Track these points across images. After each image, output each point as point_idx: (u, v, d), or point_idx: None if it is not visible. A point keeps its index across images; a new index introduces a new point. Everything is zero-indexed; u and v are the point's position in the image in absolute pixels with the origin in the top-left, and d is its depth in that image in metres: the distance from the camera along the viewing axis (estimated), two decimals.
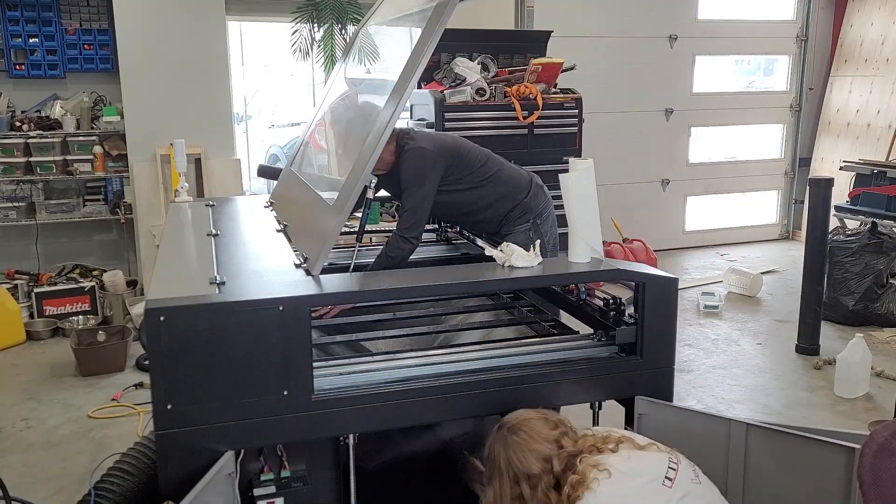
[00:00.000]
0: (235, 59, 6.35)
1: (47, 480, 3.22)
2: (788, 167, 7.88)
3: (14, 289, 5.14)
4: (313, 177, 3.09)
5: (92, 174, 5.47)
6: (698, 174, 7.41)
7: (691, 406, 3.79)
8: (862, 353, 3.99)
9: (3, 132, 5.21)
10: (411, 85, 2.06)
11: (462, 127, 4.91)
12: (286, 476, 2.01)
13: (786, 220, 7.99)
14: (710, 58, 7.31)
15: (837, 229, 5.41)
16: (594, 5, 6.68)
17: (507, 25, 6.30)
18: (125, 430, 3.66)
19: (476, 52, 5.39)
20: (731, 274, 5.95)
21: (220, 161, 5.63)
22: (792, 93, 7.73)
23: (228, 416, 1.84)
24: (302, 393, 1.89)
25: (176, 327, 1.77)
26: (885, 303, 5.05)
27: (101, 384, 4.21)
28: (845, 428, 3.61)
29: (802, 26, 7.56)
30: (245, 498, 1.96)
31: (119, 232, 5.73)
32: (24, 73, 5.34)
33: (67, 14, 5.38)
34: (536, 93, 5.04)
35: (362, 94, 3.39)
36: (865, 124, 7.10)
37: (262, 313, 1.84)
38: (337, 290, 2.04)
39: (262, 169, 4.18)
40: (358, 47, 3.91)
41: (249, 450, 1.96)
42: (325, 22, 5.40)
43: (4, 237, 5.51)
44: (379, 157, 2.24)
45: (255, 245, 2.65)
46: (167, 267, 2.37)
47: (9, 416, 3.84)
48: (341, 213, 2.08)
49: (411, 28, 2.55)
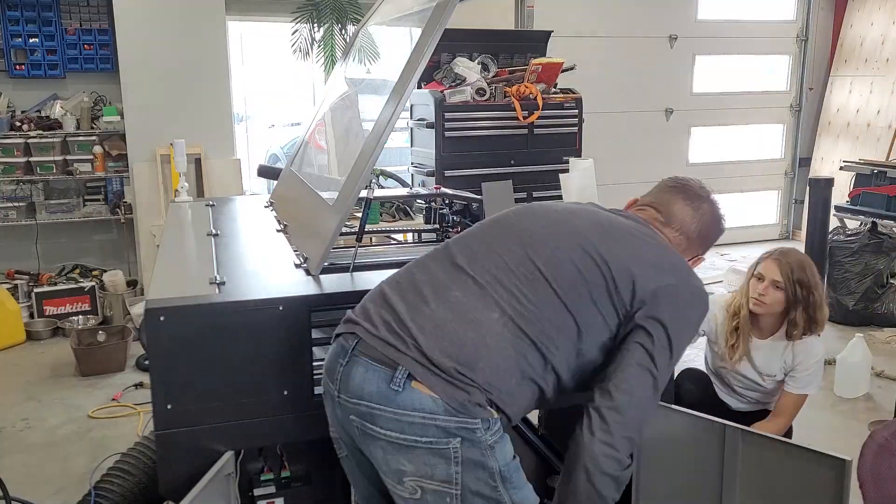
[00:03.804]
0: (235, 59, 6.35)
1: (47, 480, 3.22)
2: (788, 167, 7.88)
3: (14, 289, 5.14)
4: (313, 177, 3.08)
5: (92, 174, 5.47)
6: (698, 174, 7.28)
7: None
8: (862, 353, 3.99)
9: (3, 132, 5.21)
10: (411, 85, 2.06)
11: (462, 127, 4.92)
12: (286, 476, 2.01)
13: (786, 220, 7.99)
14: (710, 58, 7.31)
15: (837, 229, 5.41)
16: (594, 5, 6.68)
17: (507, 25, 6.30)
18: (125, 430, 3.66)
19: (476, 52, 5.39)
20: (731, 274, 5.94)
21: (220, 161, 5.63)
22: (792, 93, 7.73)
23: (228, 416, 1.84)
24: (302, 393, 1.89)
25: (176, 327, 1.77)
26: (885, 303, 5.05)
27: (101, 384, 4.21)
28: (845, 429, 3.63)
29: (802, 26, 7.56)
30: (245, 498, 1.96)
31: (119, 232, 5.73)
32: (24, 73, 5.34)
33: (67, 14, 5.37)
34: (536, 93, 5.04)
35: (362, 94, 3.39)
36: (865, 124, 7.10)
37: (262, 313, 1.84)
38: (337, 290, 2.03)
39: (262, 169, 4.17)
40: (358, 47, 3.92)
41: (249, 450, 1.96)
42: (325, 22, 5.40)
43: (4, 237, 5.51)
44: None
45: (255, 245, 2.65)
46: (167, 267, 2.36)
47: (9, 416, 3.84)
48: (341, 213, 2.07)
49: (411, 28, 2.55)
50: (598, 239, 1.63)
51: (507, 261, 1.61)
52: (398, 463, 1.50)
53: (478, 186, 2.90)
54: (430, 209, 3.17)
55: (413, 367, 1.47)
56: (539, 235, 1.65)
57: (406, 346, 1.50)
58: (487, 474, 1.50)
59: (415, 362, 1.48)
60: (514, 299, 1.55)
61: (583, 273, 1.58)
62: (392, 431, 1.48)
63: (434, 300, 1.56)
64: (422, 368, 1.47)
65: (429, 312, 1.54)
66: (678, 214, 1.78)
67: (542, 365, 1.55)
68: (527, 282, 1.57)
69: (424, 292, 1.59)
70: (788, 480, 1.90)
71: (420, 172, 5.16)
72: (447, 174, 4.87)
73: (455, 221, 3.08)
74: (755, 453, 1.96)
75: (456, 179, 4.73)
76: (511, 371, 1.52)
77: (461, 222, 3.06)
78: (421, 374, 1.47)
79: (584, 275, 1.58)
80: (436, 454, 1.47)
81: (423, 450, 1.47)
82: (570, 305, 1.56)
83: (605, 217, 1.74)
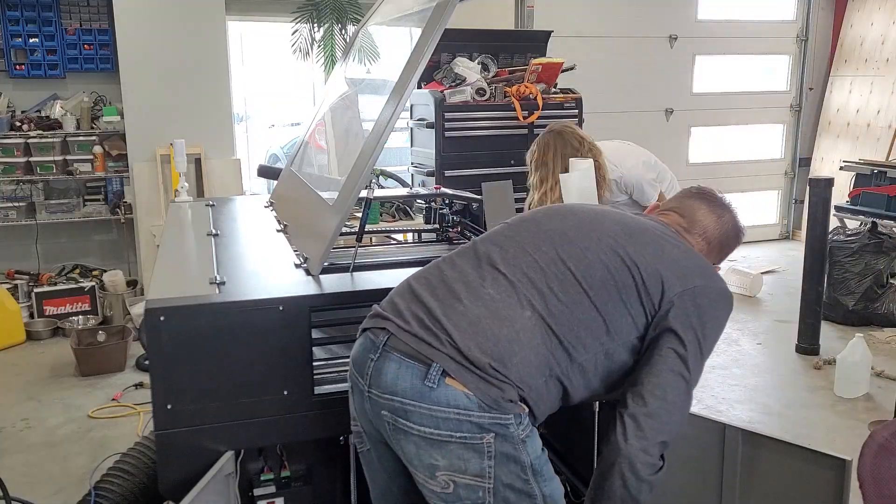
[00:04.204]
0: (235, 59, 6.35)
1: (47, 480, 3.22)
2: (788, 167, 7.88)
3: (14, 289, 5.14)
4: (313, 177, 3.08)
5: (92, 174, 5.47)
6: (698, 174, 7.38)
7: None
8: (862, 353, 4.00)
9: (3, 132, 5.21)
10: (411, 85, 2.05)
11: (462, 127, 4.92)
12: (286, 476, 2.01)
13: (786, 220, 7.99)
14: (710, 58, 7.31)
15: (837, 229, 5.41)
16: (594, 5, 6.68)
17: (507, 25, 6.31)
18: (125, 430, 3.66)
19: (476, 52, 5.39)
20: (731, 274, 5.94)
21: (220, 161, 5.63)
22: (792, 93, 7.73)
23: (228, 416, 1.84)
24: (302, 393, 1.89)
25: (176, 327, 1.77)
26: (885, 303, 5.05)
27: (101, 384, 4.21)
28: (845, 429, 3.63)
29: (802, 26, 7.57)
30: (245, 498, 1.96)
31: (119, 232, 5.73)
32: (24, 73, 5.34)
33: (67, 14, 5.38)
34: (536, 93, 5.04)
35: (362, 94, 3.39)
36: (865, 124, 7.10)
37: (262, 313, 1.84)
38: (337, 290, 2.03)
39: (262, 169, 4.17)
40: (358, 47, 3.91)
41: (249, 450, 1.96)
42: (325, 22, 5.40)
43: (4, 237, 5.51)
44: None
45: (255, 245, 2.65)
46: (167, 267, 2.36)
47: (9, 416, 3.84)
48: (341, 213, 2.07)
49: (411, 28, 2.55)
50: (626, 240, 1.65)
51: (538, 259, 1.62)
52: (431, 458, 1.51)
53: (478, 186, 2.89)
54: (430, 209, 3.17)
55: (447, 363, 1.49)
56: (569, 237, 1.67)
57: (440, 343, 1.51)
58: (519, 468, 1.52)
59: (449, 359, 1.49)
60: (545, 298, 1.57)
61: (613, 273, 1.60)
62: (426, 427, 1.49)
63: (467, 297, 1.57)
64: (456, 365, 1.49)
65: (462, 309, 1.55)
66: (702, 221, 1.81)
67: (568, 364, 1.57)
68: (558, 281, 1.59)
69: (456, 289, 1.60)
70: (788, 480, 1.90)
71: (420, 172, 5.16)
72: (447, 174, 4.87)
73: (455, 221, 3.08)
74: (755, 453, 1.96)
75: (456, 179, 4.73)
76: (541, 368, 1.54)
77: (461, 222, 3.06)
78: (455, 370, 1.48)
79: (613, 275, 1.60)
80: (469, 449, 1.49)
81: (457, 445, 1.49)
82: (600, 306, 1.58)
83: (632, 219, 1.76)
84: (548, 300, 1.57)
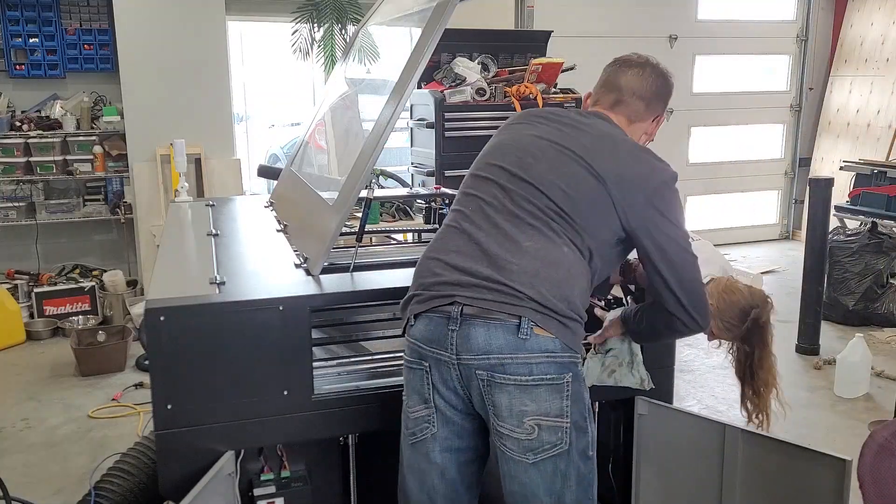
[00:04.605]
0: (235, 59, 6.35)
1: (47, 480, 3.22)
2: (788, 167, 7.88)
3: (14, 289, 5.14)
4: (313, 177, 3.08)
5: (92, 174, 5.47)
6: (698, 174, 7.41)
7: (690, 406, 3.80)
8: (862, 353, 4.00)
9: (3, 132, 5.21)
10: (411, 85, 2.06)
11: (462, 127, 4.91)
12: (286, 476, 2.01)
13: (786, 220, 7.99)
14: (710, 58, 7.31)
15: (837, 229, 5.41)
16: (594, 5, 6.68)
17: (507, 25, 6.30)
18: (125, 430, 3.66)
19: (476, 52, 5.38)
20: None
21: (220, 161, 5.63)
22: (792, 93, 7.73)
23: (228, 416, 1.84)
24: (302, 393, 1.89)
25: (176, 327, 1.77)
26: (885, 303, 5.05)
27: (101, 384, 4.21)
28: (845, 429, 3.63)
29: (802, 26, 7.57)
30: (245, 498, 1.96)
31: (119, 232, 5.73)
32: (24, 73, 5.34)
33: (67, 14, 5.38)
34: (536, 93, 5.04)
35: (362, 94, 3.39)
36: (865, 124, 7.10)
37: (262, 313, 1.84)
38: (337, 290, 2.03)
39: (262, 169, 4.18)
40: (358, 47, 3.91)
41: (249, 450, 1.96)
42: (325, 22, 5.40)
43: (4, 237, 5.51)
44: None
45: (255, 245, 2.65)
46: (167, 267, 2.36)
47: (9, 416, 3.85)
48: (341, 213, 2.07)
49: (411, 28, 2.55)
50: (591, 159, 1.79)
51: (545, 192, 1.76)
52: (522, 404, 1.65)
53: None
54: (430, 209, 3.17)
55: (533, 315, 1.65)
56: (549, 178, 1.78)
57: (520, 300, 1.65)
58: (584, 406, 1.72)
59: (535, 312, 1.65)
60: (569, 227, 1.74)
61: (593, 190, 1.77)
62: (521, 375, 1.64)
63: (515, 256, 1.70)
64: (541, 316, 1.65)
65: (517, 269, 1.68)
66: (628, 85, 1.97)
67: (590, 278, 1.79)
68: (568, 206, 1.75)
69: (498, 252, 1.71)
70: (788, 480, 1.90)
71: (420, 172, 5.16)
72: (447, 174, 4.86)
73: None
74: (755, 453, 1.96)
75: (456, 179, 4.71)
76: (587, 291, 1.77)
77: None
78: (541, 320, 1.65)
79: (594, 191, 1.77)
80: (554, 390, 1.66)
81: (546, 387, 1.66)
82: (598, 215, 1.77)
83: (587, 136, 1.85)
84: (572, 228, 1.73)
